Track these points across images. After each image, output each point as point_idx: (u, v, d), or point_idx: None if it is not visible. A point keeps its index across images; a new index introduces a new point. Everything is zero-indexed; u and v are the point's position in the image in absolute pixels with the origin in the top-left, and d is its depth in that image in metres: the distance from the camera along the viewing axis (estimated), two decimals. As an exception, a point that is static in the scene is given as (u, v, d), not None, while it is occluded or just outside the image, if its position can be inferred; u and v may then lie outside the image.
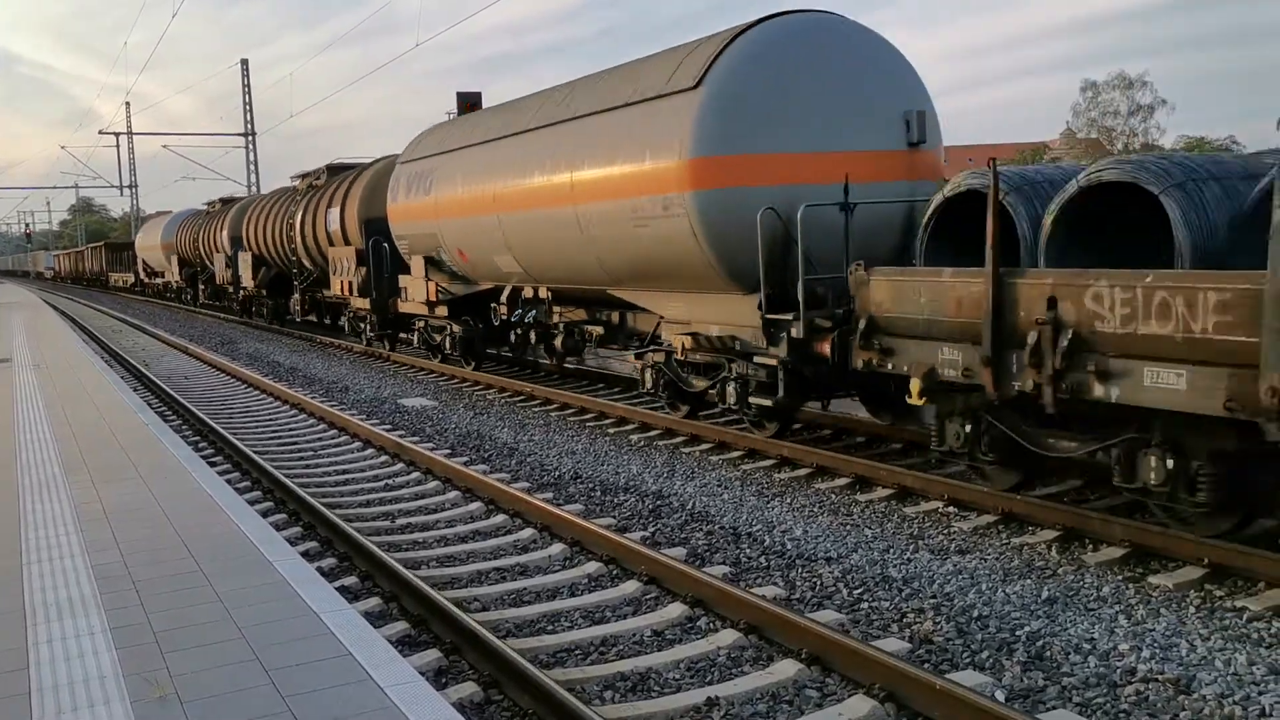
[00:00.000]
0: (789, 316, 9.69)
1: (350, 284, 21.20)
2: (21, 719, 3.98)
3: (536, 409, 14.14)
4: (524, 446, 11.69)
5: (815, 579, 6.97)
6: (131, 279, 54.63)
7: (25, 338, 22.37)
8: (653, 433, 11.94)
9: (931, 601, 6.46)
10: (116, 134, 64.69)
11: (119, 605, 5.20)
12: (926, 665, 5.48)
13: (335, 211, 21.82)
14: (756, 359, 10.37)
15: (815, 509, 8.66)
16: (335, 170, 24.26)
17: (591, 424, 12.84)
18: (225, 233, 32.67)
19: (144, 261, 50.12)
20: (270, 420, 14.23)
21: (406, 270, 18.46)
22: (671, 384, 12.05)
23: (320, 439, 12.73)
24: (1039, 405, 7.28)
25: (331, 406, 14.53)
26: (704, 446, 11.10)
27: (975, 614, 6.22)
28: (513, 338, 16.18)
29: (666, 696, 5.28)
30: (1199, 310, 6.23)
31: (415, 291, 18.21)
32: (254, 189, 52.86)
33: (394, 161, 19.11)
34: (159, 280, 48.04)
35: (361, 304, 20.88)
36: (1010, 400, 7.58)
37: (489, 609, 6.61)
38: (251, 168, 57.21)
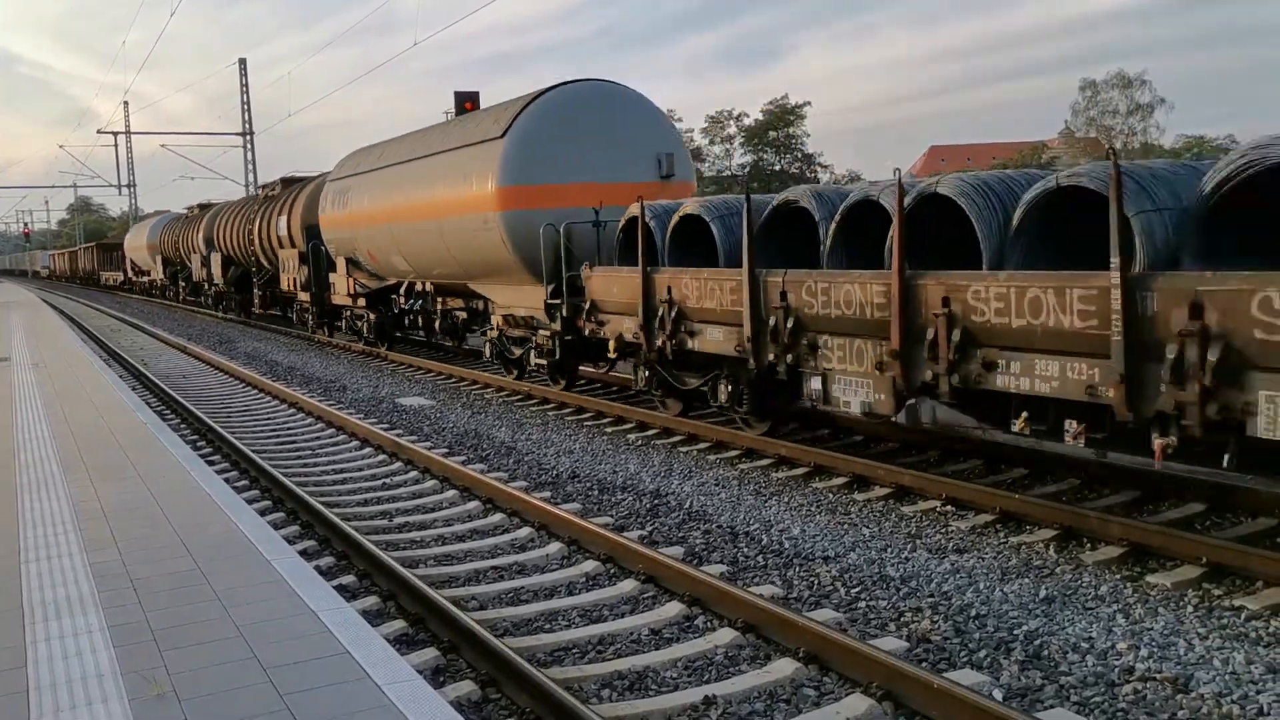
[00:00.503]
0: (558, 301, 13.24)
1: (296, 280, 24.62)
2: (20, 716, 3.98)
3: (534, 408, 14.14)
4: (521, 445, 11.69)
5: (813, 578, 6.97)
6: (121, 277, 58.65)
7: (24, 336, 22.35)
8: (650, 432, 11.95)
9: (929, 600, 6.47)
10: (115, 133, 64.69)
11: (117, 603, 5.19)
12: (924, 664, 5.49)
13: (284, 219, 25.14)
14: (541, 331, 14.21)
15: (813, 508, 8.66)
16: (288, 183, 27.48)
17: (589, 423, 12.84)
18: (200, 235, 36.37)
19: (132, 261, 53.97)
20: (268, 419, 14.23)
21: (334, 269, 22.06)
22: (501, 353, 16.05)
23: (318, 438, 12.73)
24: (669, 358, 11.37)
25: (329, 405, 14.52)
26: (701, 445, 11.11)
27: (973, 613, 6.23)
28: (406, 322, 20.93)
29: (664, 695, 5.29)
30: (724, 293, 10.27)
31: (340, 287, 21.88)
32: (251, 188, 53.46)
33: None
34: (145, 279, 51.88)
35: (305, 297, 24.31)
36: (659, 354, 11.43)
37: (486, 608, 6.61)
38: (250, 167, 57.17)
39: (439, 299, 18.62)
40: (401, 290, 19.81)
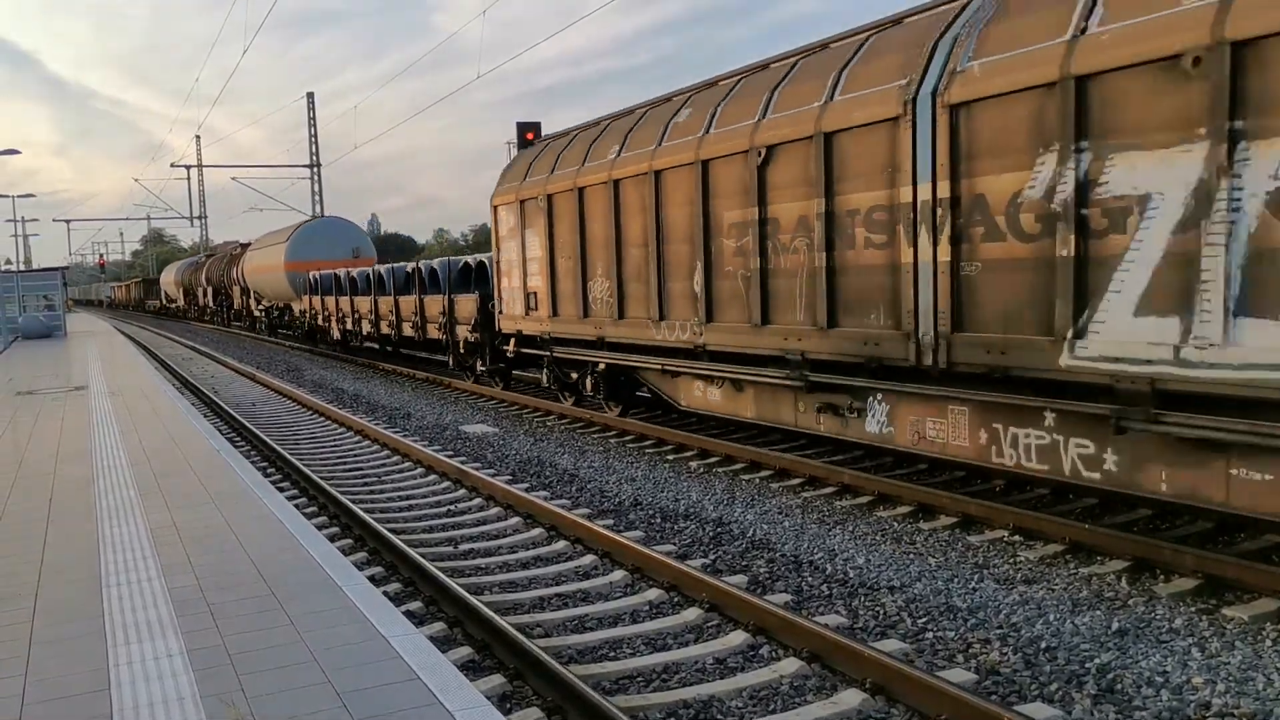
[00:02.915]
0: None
1: (243, 300, 46.47)
2: (104, 738, 4.10)
3: (595, 435, 14.22)
4: (584, 473, 11.76)
5: (878, 608, 6.92)
6: (159, 304, 78.14)
7: (100, 365, 23.00)
8: (712, 459, 11.95)
9: (998, 632, 6.39)
10: (187, 166, 66.49)
11: (195, 628, 5.33)
12: (994, 697, 5.42)
13: (236, 268, 46.77)
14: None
15: (877, 537, 8.60)
16: (244, 246, 48.80)
17: (650, 450, 12.88)
18: (204, 274, 56.84)
19: (165, 292, 74.00)
20: (335, 446, 14.48)
21: (247, 294, 44.66)
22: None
23: (384, 465, 12.92)
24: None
25: (394, 433, 14.74)
26: (764, 473, 11.09)
27: (1043, 645, 6.14)
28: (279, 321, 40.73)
29: (730, 725, 5.28)
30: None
31: (239, 303, 47.56)
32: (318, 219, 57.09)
33: (250, 244, 46.99)
34: (174, 305, 70.23)
35: (259, 312, 43.16)
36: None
37: (551, 635, 6.66)
38: (316, 198, 58.34)
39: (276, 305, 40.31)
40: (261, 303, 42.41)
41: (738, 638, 6.37)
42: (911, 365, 8.60)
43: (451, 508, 10.43)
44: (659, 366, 12.47)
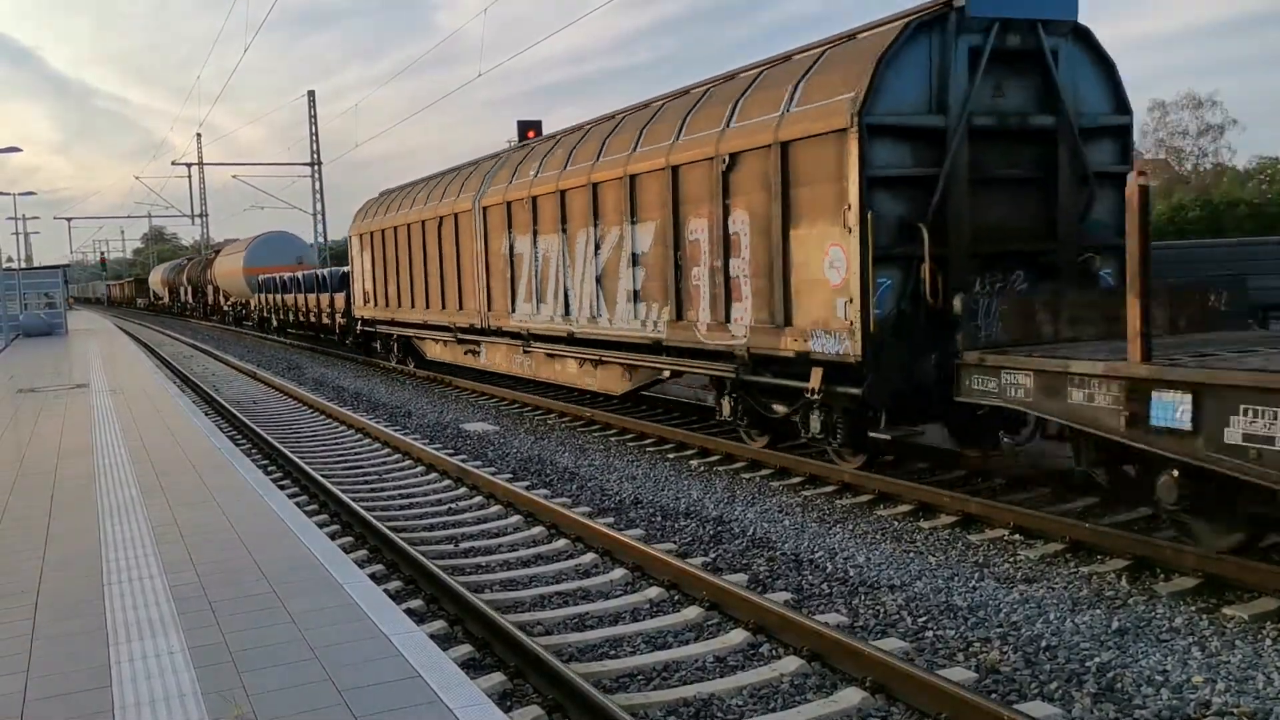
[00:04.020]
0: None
1: (219, 295, 53.75)
2: (106, 735, 4.11)
3: (596, 434, 14.23)
4: (584, 471, 11.77)
5: (878, 606, 6.93)
6: (148, 301, 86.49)
7: (101, 363, 23.01)
8: (712, 458, 11.96)
9: (998, 630, 6.40)
10: (188, 165, 66.49)
11: (196, 625, 5.34)
12: (994, 695, 5.43)
13: (210, 269, 54.84)
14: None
15: (877, 536, 8.61)
16: (217, 251, 57.42)
17: (651, 449, 12.88)
18: (184, 275, 65.82)
19: (153, 290, 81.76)
20: (335, 444, 14.49)
21: (226, 296, 52.18)
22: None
23: (384, 463, 12.93)
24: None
25: (395, 431, 14.75)
26: (764, 472, 11.09)
27: (1043, 644, 6.15)
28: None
29: (730, 723, 5.29)
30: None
31: (212, 299, 56.94)
32: (318, 217, 57.05)
33: (221, 247, 60.49)
34: (160, 301, 77.97)
35: (226, 307, 51.87)
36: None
37: (552, 633, 6.67)
38: (317, 196, 58.37)
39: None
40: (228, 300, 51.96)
41: (738, 636, 6.37)
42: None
43: (452, 506, 10.44)
44: (416, 335, 22.24)
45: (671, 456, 12.35)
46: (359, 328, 26.43)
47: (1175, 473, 6.88)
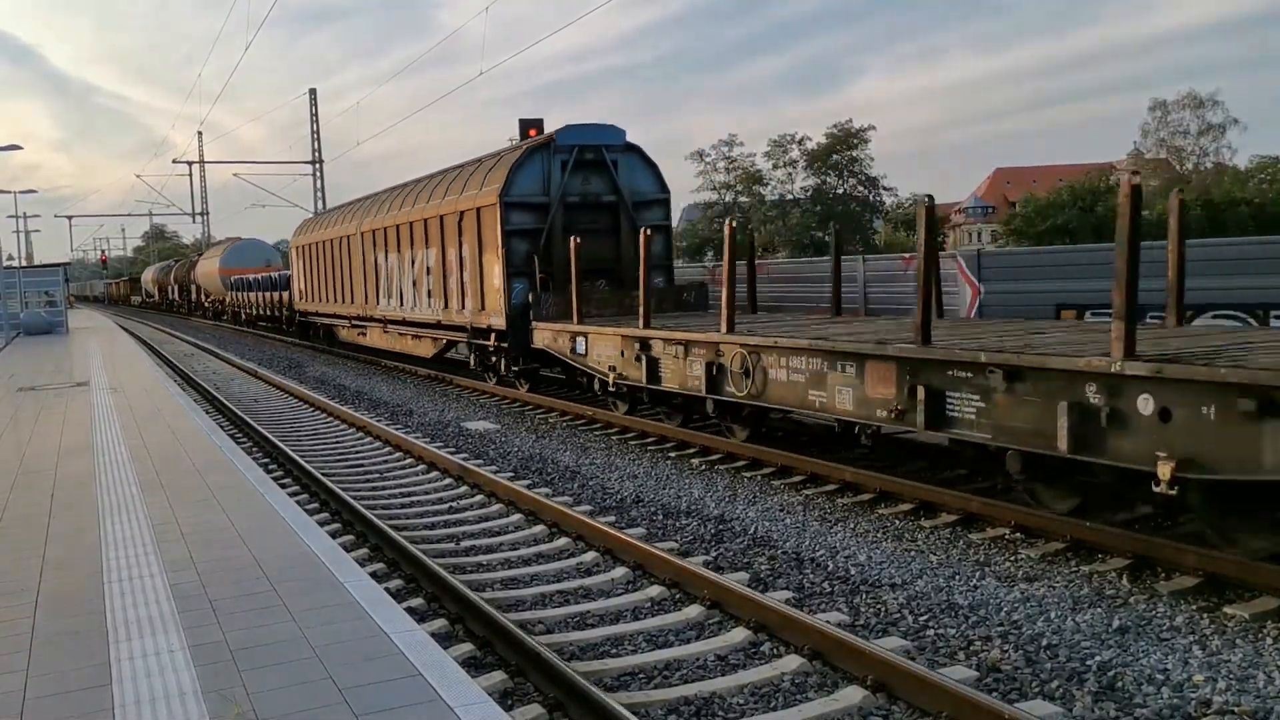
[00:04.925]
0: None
1: (201, 294, 58.47)
2: (106, 733, 4.11)
3: (598, 433, 14.22)
4: (586, 470, 11.77)
5: (880, 605, 6.92)
6: (140, 299, 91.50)
7: (101, 361, 23.01)
8: (714, 457, 11.95)
9: (999, 629, 6.39)
10: (189, 163, 66.58)
11: (197, 624, 5.34)
12: (995, 694, 5.42)
13: (194, 270, 59.84)
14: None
15: (879, 534, 8.60)
16: (199, 255, 62.46)
17: (652, 448, 12.88)
18: (172, 275, 71.14)
19: (145, 289, 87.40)
20: (337, 443, 14.49)
21: (207, 295, 56.83)
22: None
23: (386, 461, 12.93)
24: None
25: (396, 430, 14.75)
26: (765, 471, 11.09)
27: (1044, 642, 6.14)
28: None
29: (731, 721, 5.29)
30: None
31: (192, 300, 62.92)
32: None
33: (208, 247, 64.96)
34: (151, 299, 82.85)
35: (207, 304, 56.21)
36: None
37: (553, 631, 6.67)
38: (319, 194, 58.38)
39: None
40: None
41: (739, 635, 6.37)
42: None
43: (453, 504, 10.44)
44: (331, 323, 30.00)
45: (673, 455, 12.35)
46: (298, 318, 34.13)
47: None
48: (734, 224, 12.28)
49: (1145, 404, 6.80)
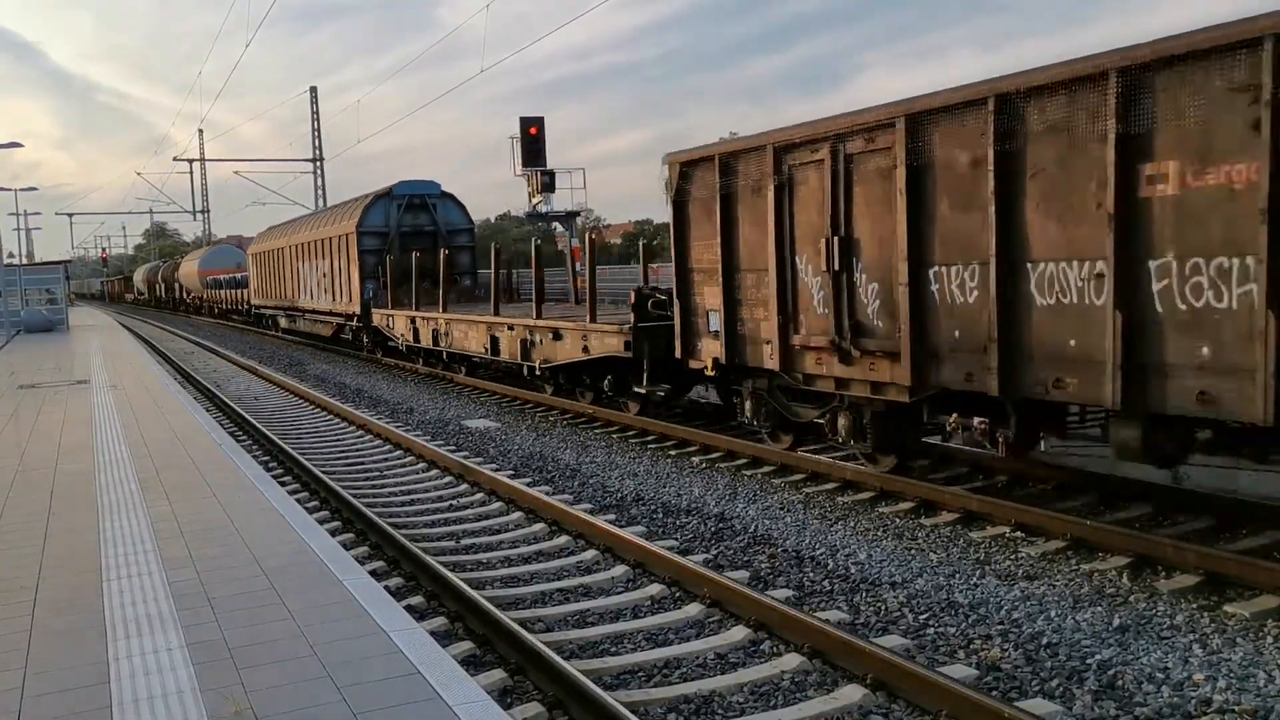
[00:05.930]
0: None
1: (184, 292, 64.16)
2: (104, 731, 4.10)
3: (598, 431, 14.22)
4: (586, 468, 11.76)
5: (880, 604, 6.91)
6: (133, 296, 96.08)
7: (102, 359, 23.01)
8: (714, 455, 11.95)
9: (999, 628, 6.38)
10: (190, 160, 66.64)
11: (195, 621, 5.33)
12: (995, 692, 5.42)
13: (178, 270, 66.26)
14: None
15: (879, 533, 8.60)
16: (184, 256, 69.95)
17: (653, 446, 12.87)
18: (159, 275, 75.50)
19: (137, 287, 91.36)
20: (337, 441, 14.48)
21: (189, 293, 62.41)
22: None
23: (386, 459, 12.92)
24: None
25: (397, 428, 14.75)
26: (766, 469, 11.08)
27: (1044, 641, 6.14)
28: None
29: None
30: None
31: (189, 291, 63.94)
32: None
33: (186, 254, 72.28)
34: (142, 296, 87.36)
35: (189, 301, 62.69)
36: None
37: (553, 630, 6.66)
38: (319, 192, 58.32)
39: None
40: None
41: (739, 633, 6.36)
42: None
43: (453, 502, 10.43)
44: (275, 315, 37.58)
45: (673, 453, 12.34)
46: (254, 311, 41.82)
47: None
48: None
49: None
